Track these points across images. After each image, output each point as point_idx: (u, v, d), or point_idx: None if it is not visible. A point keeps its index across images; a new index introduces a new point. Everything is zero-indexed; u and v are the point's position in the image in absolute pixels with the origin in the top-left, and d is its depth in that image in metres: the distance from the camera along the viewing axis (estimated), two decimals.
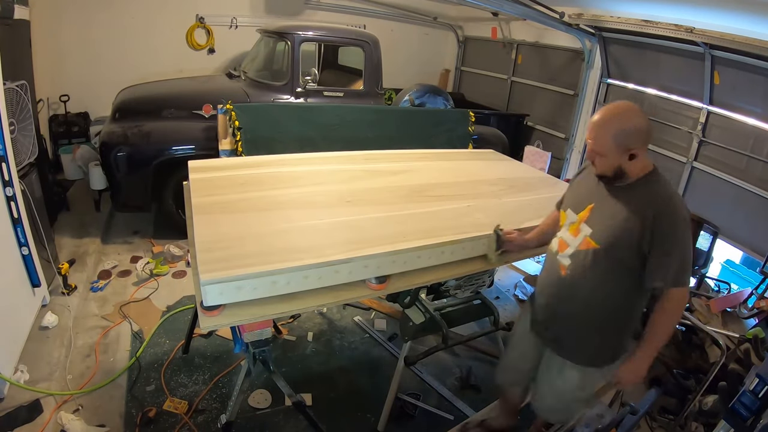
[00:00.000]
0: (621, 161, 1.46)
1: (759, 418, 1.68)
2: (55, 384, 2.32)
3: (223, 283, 1.35)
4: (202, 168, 2.20)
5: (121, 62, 5.20)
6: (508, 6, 4.43)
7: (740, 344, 2.44)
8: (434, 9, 6.71)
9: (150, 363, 2.56)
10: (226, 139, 3.59)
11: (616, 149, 1.44)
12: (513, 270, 4.01)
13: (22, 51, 3.48)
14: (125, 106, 3.89)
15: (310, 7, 6.07)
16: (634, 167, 1.48)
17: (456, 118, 4.39)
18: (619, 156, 1.45)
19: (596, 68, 4.96)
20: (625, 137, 1.42)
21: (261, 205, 1.88)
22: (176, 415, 2.23)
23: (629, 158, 1.45)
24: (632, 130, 1.43)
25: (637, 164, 1.48)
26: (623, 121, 1.44)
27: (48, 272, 2.88)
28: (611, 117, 1.45)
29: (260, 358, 1.77)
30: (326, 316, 3.15)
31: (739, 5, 3.19)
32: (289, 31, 4.19)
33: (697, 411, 2.34)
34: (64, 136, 4.95)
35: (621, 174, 1.49)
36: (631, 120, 1.44)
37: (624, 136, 1.42)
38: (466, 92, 6.96)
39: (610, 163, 1.48)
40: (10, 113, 2.50)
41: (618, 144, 1.43)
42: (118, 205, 3.83)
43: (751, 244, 3.63)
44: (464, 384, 2.67)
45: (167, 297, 3.17)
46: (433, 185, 2.33)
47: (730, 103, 3.74)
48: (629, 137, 1.42)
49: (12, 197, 2.43)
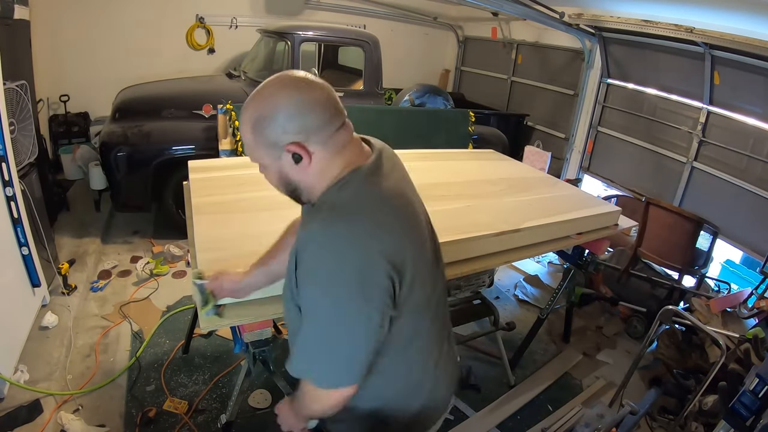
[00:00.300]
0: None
1: (759, 418, 1.68)
2: (55, 384, 2.32)
3: None
4: (202, 168, 2.20)
5: (121, 62, 5.20)
6: (508, 6, 4.43)
7: (740, 344, 2.44)
8: (434, 9, 6.71)
9: (150, 363, 2.56)
10: (226, 139, 3.59)
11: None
12: (513, 270, 4.01)
13: (22, 51, 3.48)
14: (125, 106, 3.89)
15: (310, 7, 6.07)
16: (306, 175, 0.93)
17: (456, 118, 4.39)
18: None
19: (596, 68, 4.96)
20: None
21: (261, 205, 1.87)
22: (176, 415, 2.23)
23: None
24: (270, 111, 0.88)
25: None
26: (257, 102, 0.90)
27: (48, 272, 2.87)
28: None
29: (260, 358, 1.77)
30: None
31: (739, 5, 3.19)
32: (289, 31, 4.20)
33: (697, 411, 2.34)
34: (64, 136, 4.94)
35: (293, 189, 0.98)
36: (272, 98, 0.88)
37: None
38: (466, 92, 6.96)
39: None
40: (10, 113, 2.50)
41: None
42: (118, 205, 3.83)
43: (751, 244, 3.63)
44: (464, 384, 2.67)
45: (167, 297, 3.17)
46: (433, 185, 2.32)
47: (730, 103, 3.74)
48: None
49: (12, 197, 2.43)
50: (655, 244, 3.37)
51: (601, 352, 3.06)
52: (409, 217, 0.98)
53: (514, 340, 2.93)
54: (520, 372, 2.78)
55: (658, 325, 2.40)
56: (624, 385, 2.47)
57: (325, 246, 0.86)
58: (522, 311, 3.48)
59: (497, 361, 2.77)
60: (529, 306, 3.54)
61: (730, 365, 2.31)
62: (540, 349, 3.02)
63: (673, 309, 2.39)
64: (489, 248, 1.89)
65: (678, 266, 3.32)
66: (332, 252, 0.85)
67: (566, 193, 2.56)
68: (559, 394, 2.65)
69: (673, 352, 2.75)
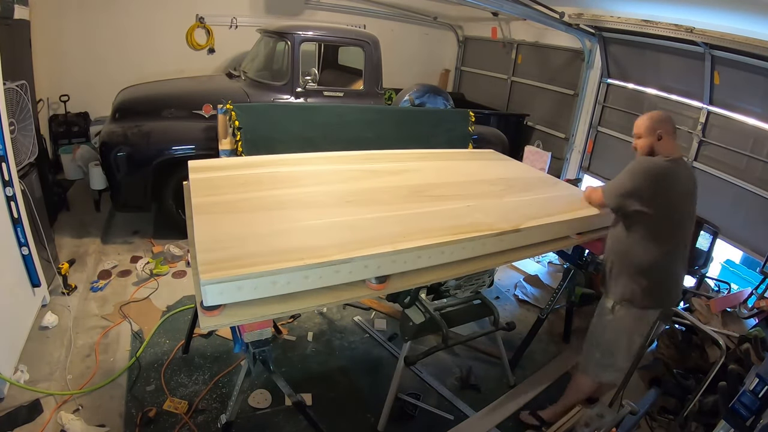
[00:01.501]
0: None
1: (759, 418, 1.68)
2: (55, 384, 2.32)
3: (223, 283, 1.35)
4: (202, 168, 2.20)
5: (121, 62, 5.20)
6: (508, 6, 4.43)
7: (740, 344, 2.44)
8: (434, 9, 6.72)
9: (150, 363, 2.56)
10: (226, 139, 3.59)
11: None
12: (513, 270, 4.01)
13: (22, 51, 3.48)
14: (125, 106, 3.89)
15: (310, 7, 6.07)
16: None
17: (456, 118, 4.39)
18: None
19: (596, 68, 4.96)
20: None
21: (261, 205, 1.87)
22: (176, 415, 2.23)
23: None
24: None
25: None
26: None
27: (48, 272, 2.88)
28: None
29: (260, 358, 1.77)
30: (326, 316, 3.15)
31: (739, 5, 3.19)
32: (289, 31, 4.19)
33: (697, 411, 2.34)
34: (64, 136, 4.95)
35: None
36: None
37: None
38: (466, 92, 6.96)
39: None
40: (10, 113, 2.50)
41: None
42: (118, 205, 3.83)
43: (751, 244, 3.63)
44: (464, 384, 2.67)
45: (167, 297, 3.17)
46: (433, 185, 2.33)
47: (730, 103, 3.74)
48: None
49: (12, 197, 2.43)
50: None
51: None
52: (677, 182, 1.99)
53: (514, 340, 2.93)
54: (520, 372, 2.78)
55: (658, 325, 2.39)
56: (624, 385, 2.47)
57: (638, 161, 2.02)
58: (522, 311, 3.48)
59: (497, 361, 2.78)
60: (529, 306, 3.54)
61: (730, 365, 2.31)
62: (540, 349, 3.02)
63: (673, 309, 2.39)
64: (489, 248, 1.89)
65: None
66: (639, 162, 2.01)
67: (566, 193, 2.56)
68: (559, 394, 2.65)
69: (673, 352, 2.75)
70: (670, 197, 1.94)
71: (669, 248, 2.00)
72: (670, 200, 1.95)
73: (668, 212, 1.95)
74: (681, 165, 2.03)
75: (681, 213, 2.01)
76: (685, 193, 2.01)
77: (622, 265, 2.05)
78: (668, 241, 1.99)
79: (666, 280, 2.03)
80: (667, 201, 1.94)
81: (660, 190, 1.93)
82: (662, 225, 1.96)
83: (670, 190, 1.95)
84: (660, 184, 1.93)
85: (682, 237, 2.04)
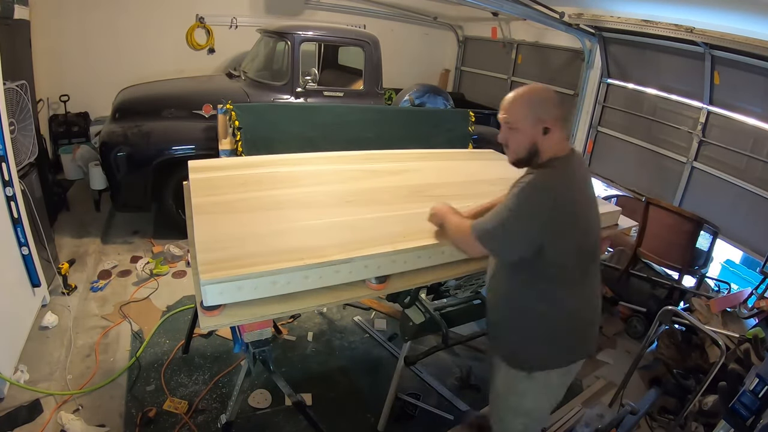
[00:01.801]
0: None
1: (759, 418, 1.68)
2: (55, 384, 2.32)
3: (223, 283, 1.35)
4: (202, 168, 2.20)
5: (121, 62, 5.20)
6: (508, 6, 4.43)
7: (740, 344, 2.44)
8: (434, 9, 6.71)
9: (150, 363, 2.56)
10: (226, 139, 3.58)
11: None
12: None
13: (22, 51, 3.48)
14: (125, 106, 3.89)
15: (310, 7, 6.07)
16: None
17: (456, 118, 4.39)
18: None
19: (596, 68, 4.96)
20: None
21: (261, 205, 1.87)
22: (176, 415, 2.23)
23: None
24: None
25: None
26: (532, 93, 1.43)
27: (48, 272, 2.88)
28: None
29: (260, 358, 1.77)
30: (326, 316, 3.15)
31: (739, 5, 3.19)
32: (289, 31, 4.19)
33: (697, 411, 2.34)
34: (64, 136, 4.95)
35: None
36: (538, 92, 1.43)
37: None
38: (466, 92, 6.95)
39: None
40: (10, 113, 2.50)
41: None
42: (118, 205, 3.83)
43: (751, 244, 3.63)
44: (464, 384, 2.67)
45: (167, 297, 3.17)
46: (433, 185, 2.32)
47: (730, 103, 3.74)
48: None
49: (12, 197, 2.43)
50: (655, 244, 3.37)
51: (601, 352, 3.06)
52: (583, 191, 1.46)
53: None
54: None
55: (658, 325, 2.40)
56: (624, 385, 2.48)
57: (530, 184, 1.36)
58: None
59: None
60: None
61: (730, 365, 2.31)
62: None
63: (673, 309, 2.39)
64: None
65: (678, 266, 3.32)
66: (534, 187, 1.36)
67: None
68: None
69: (673, 352, 2.75)
70: (575, 228, 1.40)
71: (582, 288, 1.50)
72: (576, 231, 1.40)
73: (574, 248, 1.41)
74: (576, 166, 1.45)
75: (590, 237, 1.47)
76: (588, 205, 1.47)
77: (522, 327, 1.52)
78: (580, 281, 1.48)
79: (585, 327, 1.55)
80: (572, 236, 1.39)
81: (561, 227, 1.36)
82: (567, 265, 1.42)
83: (575, 217, 1.40)
84: (562, 218, 1.35)
85: (594, 267, 1.54)
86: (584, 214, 1.44)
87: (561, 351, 1.52)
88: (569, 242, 1.39)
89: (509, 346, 1.58)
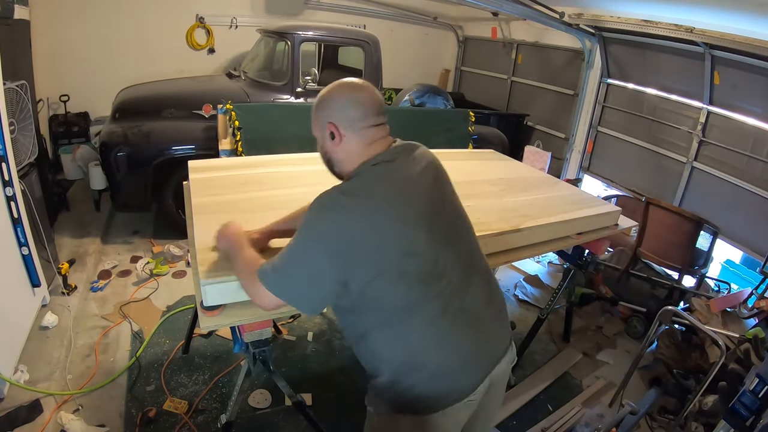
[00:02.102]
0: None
1: (759, 418, 1.68)
2: (55, 384, 2.32)
3: (223, 283, 1.35)
4: (202, 168, 2.20)
5: (121, 62, 5.20)
6: (508, 6, 4.43)
7: (740, 344, 2.44)
8: (434, 9, 6.71)
9: (150, 363, 2.56)
10: (226, 139, 3.59)
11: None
12: (513, 270, 4.01)
13: (22, 51, 3.48)
14: (125, 106, 3.89)
15: (310, 7, 6.07)
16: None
17: (456, 118, 4.39)
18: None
19: (596, 68, 4.96)
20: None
21: (261, 205, 1.87)
22: (176, 415, 2.23)
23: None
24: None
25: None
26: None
27: (48, 272, 2.87)
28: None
29: (260, 358, 1.76)
30: (326, 316, 3.15)
31: (739, 5, 3.19)
32: (289, 31, 4.19)
33: (697, 411, 2.34)
34: (64, 136, 4.94)
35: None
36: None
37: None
38: (466, 92, 6.96)
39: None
40: (10, 113, 2.50)
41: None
42: (118, 205, 3.83)
43: (751, 244, 3.63)
44: None
45: (167, 297, 3.17)
46: None
47: (730, 103, 3.75)
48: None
49: (12, 197, 2.43)
50: (655, 244, 3.37)
51: (601, 352, 3.06)
52: (403, 201, 1.13)
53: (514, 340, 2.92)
54: (520, 372, 2.78)
55: (658, 325, 2.40)
56: (624, 385, 2.47)
57: (319, 203, 1.12)
58: (522, 311, 3.48)
59: None
60: (529, 306, 3.54)
61: (730, 365, 2.31)
62: (540, 349, 3.02)
63: (673, 309, 2.39)
64: (489, 248, 1.89)
65: (678, 266, 3.32)
66: (322, 208, 1.11)
67: (566, 193, 2.56)
68: (559, 394, 2.65)
69: (673, 352, 2.75)
70: (393, 251, 1.07)
71: (436, 326, 1.13)
72: (394, 254, 1.08)
73: (396, 277, 1.08)
74: (400, 168, 1.16)
75: (432, 258, 1.12)
76: (424, 216, 1.14)
77: (371, 367, 1.21)
78: (435, 319, 1.13)
79: (447, 362, 1.16)
80: (390, 262, 1.07)
81: (364, 254, 1.06)
82: (395, 302, 1.09)
83: (394, 236, 1.07)
84: (366, 241, 1.05)
85: (464, 297, 1.18)
86: (415, 230, 1.10)
87: (416, 397, 1.15)
88: (386, 271, 1.06)
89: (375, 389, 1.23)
